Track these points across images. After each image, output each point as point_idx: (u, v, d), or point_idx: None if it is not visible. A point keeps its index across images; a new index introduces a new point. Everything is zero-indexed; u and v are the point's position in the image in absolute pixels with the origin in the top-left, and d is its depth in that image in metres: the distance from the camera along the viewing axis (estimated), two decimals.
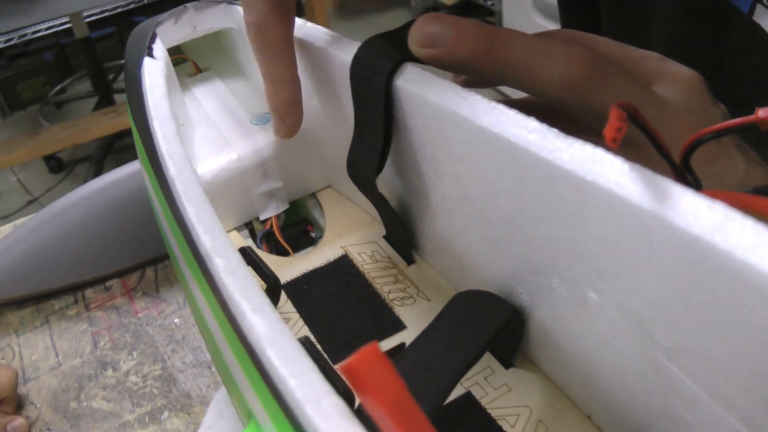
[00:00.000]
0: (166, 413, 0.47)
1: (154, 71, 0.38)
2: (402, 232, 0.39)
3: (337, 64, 0.35)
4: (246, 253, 0.37)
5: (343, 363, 0.14)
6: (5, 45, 2.59)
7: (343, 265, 0.41)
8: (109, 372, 0.51)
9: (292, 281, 0.40)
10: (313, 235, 0.46)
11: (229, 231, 0.45)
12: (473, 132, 0.28)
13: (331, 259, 0.41)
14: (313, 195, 0.47)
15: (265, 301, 0.23)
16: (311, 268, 0.41)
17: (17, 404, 0.49)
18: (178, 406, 0.47)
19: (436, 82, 0.30)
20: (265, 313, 0.23)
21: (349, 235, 0.42)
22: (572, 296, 0.27)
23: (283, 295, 0.39)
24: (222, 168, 0.42)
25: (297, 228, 0.45)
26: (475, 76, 0.33)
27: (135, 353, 0.52)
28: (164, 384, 0.49)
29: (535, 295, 0.30)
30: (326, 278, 0.40)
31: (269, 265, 0.39)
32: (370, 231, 0.42)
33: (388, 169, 0.36)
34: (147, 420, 0.47)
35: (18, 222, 0.71)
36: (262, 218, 0.45)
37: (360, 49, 0.33)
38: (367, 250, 0.42)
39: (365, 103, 0.33)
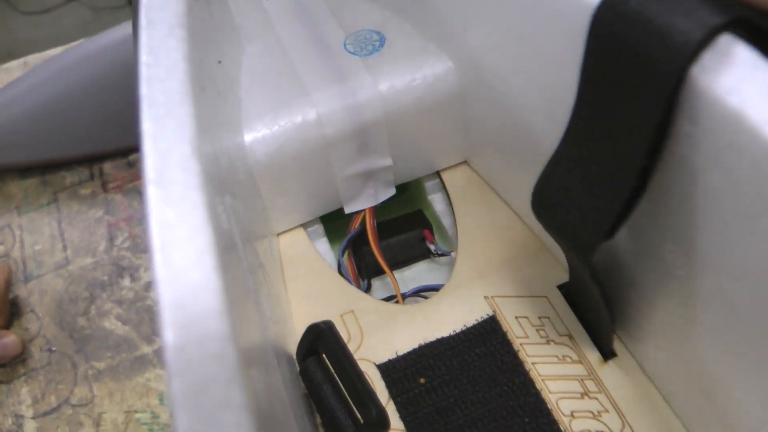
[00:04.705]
0: None
1: None
2: (603, 315, 0.23)
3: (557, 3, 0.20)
4: (320, 346, 0.21)
5: None
6: None
7: (489, 339, 0.25)
8: (126, 282, 0.43)
9: (396, 362, 0.24)
10: (431, 248, 0.29)
11: (287, 231, 0.30)
12: None
13: (468, 324, 0.25)
14: (437, 175, 0.30)
15: None
16: (431, 339, 0.25)
17: (14, 309, 0.43)
18: None
19: None
20: None
21: (497, 269, 0.27)
22: None
23: (381, 396, 0.24)
24: (288, 137, 0.26)
25: (405, 233, 0.29)
26: None
27: None
28: None
29: None
30: (459, 366, 0.25)
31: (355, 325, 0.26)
32: (535, 266, 0.28)
33: None
34: None
35: (30, 59, 0.63)
36: (348, 211, 0.28)
37: None
38: (530, 311, 0.26)
39: (612, 95, 0.19)
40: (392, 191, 0.29)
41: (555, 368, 0.24)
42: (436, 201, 0.30)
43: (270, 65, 0.28)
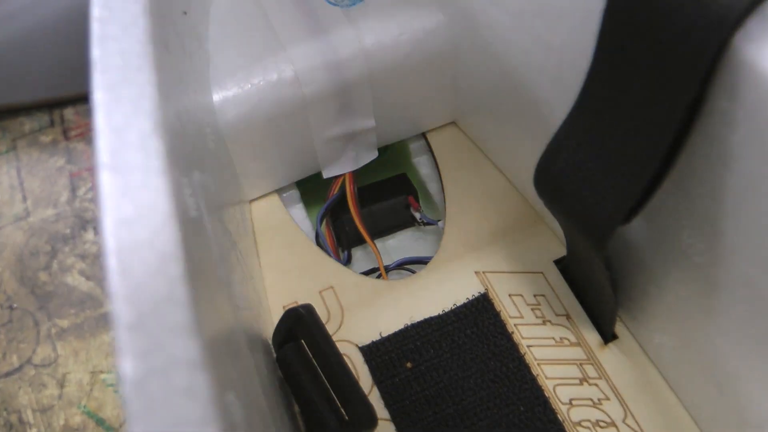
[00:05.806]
0: None
1: None
2: (607, 297, 0.21)
3: None
4: (299, 332, 0.19)
5: None
6: None
7: (481, 319, 0.23)
8: (90, 235, 0.42)
9: (380, 345, 0.23)
10: (417, 215, 0.27)
11: (260, 197, 0.27)
12: None
13: (458, 302, 0.23)
14: (423, 136, 0.28)
15: None
16: (418, 318, 0.23)
17: None
18: None
19: None
20: None
21: (489, 241, 0.25)
22: None
23: (364, 381, 0.22)
24: (263, 97, 0.23)
25: (388, 199, 0.27)
26: None
27: None
28: None
29: None
30: (449, 349, 0.23)
31: (336, 304, 0.24)
32: (530, 239, 0.25)
33: None
34: None
35: None
36: (327, 176, 0.26)
37: None
38: (525, 288, 0.24)
39: (637, 63, 0.16)
40: (374, 154, 0.27)
41: (552, 351, 0.23)
42: (422, 164, 0.28)
43: (241, 16, 0.25)
